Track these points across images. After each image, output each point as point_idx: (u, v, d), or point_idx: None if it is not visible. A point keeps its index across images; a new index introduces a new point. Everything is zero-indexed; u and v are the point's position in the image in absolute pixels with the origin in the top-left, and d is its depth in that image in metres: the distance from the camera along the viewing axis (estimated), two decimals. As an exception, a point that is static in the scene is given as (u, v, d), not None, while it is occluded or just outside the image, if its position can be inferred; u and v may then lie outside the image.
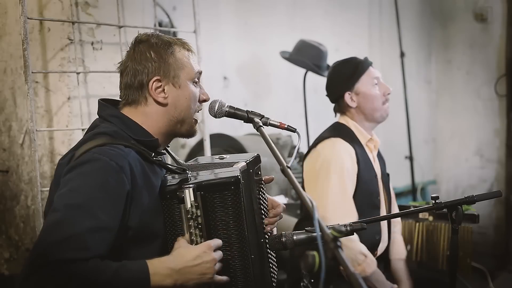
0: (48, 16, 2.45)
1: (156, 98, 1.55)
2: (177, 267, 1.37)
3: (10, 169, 2.75)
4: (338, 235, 1.17)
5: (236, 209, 1.49)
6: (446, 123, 5.35)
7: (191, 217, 1.45)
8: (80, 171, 1.39)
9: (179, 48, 1.59)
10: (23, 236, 2.68)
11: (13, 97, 2.68)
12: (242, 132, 3.64)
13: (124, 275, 1.29)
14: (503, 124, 4.90)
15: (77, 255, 1.26)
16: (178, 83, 1.56)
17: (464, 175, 5.18)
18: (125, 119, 1.55)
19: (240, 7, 3.89)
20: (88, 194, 1.34)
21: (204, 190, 1.48)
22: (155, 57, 1.55)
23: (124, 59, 1.60)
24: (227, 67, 3.83)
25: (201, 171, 1.61)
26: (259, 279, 1.58)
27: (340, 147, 2.36)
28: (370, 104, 2.41)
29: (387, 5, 4.84)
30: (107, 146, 1.44)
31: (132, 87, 1.56)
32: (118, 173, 1.39)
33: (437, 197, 1.87)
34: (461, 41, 5.15)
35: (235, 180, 1.49)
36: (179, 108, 1.57)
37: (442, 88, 5.37)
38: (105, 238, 1.33)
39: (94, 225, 1.31)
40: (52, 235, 1.27)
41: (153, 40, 1.57)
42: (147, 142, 1.54)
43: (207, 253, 1.41)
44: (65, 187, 1.37)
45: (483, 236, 4.78)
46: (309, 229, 1.58)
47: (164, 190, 1.50)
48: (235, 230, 1.50)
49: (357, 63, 2.43)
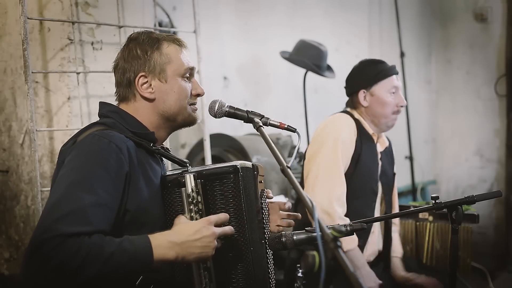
0: (48, 16, 2.45)
1: (143, 93, 1.58)
2: (179, 241, 1.38)
3: (10, 169, 2.75)
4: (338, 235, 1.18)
5: (235, 199, 1.52)
6: (446, 123, 5.35)
7: (191, 201, 1.47)
8: (81, 151, 1.43)
9: (167, 43, 1.61)
10: (23, 236, 2.68)
11: (13, 97, 2.68)
12: (242, 132, 3.64)
13: (128, 249, 1.31)
14: (503, 124, 4.90)
15: (81, 228, 1.27)
16: (164, 78, 1.59)
17: (464, 175, 5.18)
18: (123, 113, 1.59)
19: (240, 7, 3.89)
20: (89, 172, 1.37)
21: (204, 178, 1.51)
22: (141, 54, 1.58)
23: (116, 57, 1.65)
24: (227, 67, 3.83)
25: (203, 166, 1.65)
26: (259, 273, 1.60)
27: (341, 120, 2.44)
28: (380, 109, 2.45)
29: (387, 5, 4.84)
30: (108, 130, 1.48)
31: (122, 84, 1.61)
32: (118, 154, 1.42)
33: (437, 197, 1.87)
34: (461, 41, 5.15)
35: (234, 170, 1.53)
36: (168, 102, 1.59)
37: (442, 88, 5.37)
38: (106, 215, 1.35)
39: (95, 200, 1.33)
40: (56, 211, 1.29)
41: (142, 37, 1.61)
42: (143, 135, 1.57)
43: (207, 228, 1.42)
44: (66, 167, 1.41)
45: (483, 236, 4.78)
46: (309, 229, 1.59)
47: (165, 179, 1.54)
48: (235, 219, 1.52)
49: (382, 67, 2.48)
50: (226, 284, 1.52)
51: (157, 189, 1.53)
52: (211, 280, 1.47)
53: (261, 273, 1.64)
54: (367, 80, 2.46)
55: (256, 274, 1.58)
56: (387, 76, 2.45)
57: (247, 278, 1.54)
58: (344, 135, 2.39)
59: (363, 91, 2.46)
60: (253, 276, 1.55)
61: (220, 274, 1.51)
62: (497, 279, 4.01)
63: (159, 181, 1.54)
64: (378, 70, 2.46)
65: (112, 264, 1.27)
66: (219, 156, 3.15)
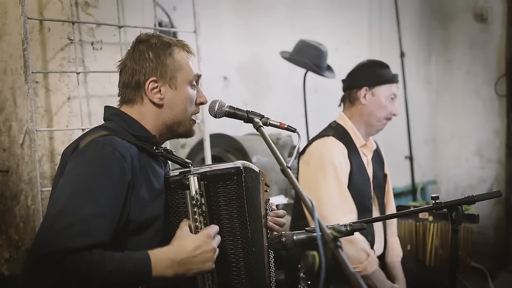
0: (48, 16, 2.45)
1: (152, 98, 1.56)
2: (178, 258, 1.38)
3: (10, 169, 2.75)
4: (338, 235, 1.17)
5: (238, 200, 1.52)
6: (446, 123, 5.34)
7: (195, 203, 1.47)
8: (83, 158, 1.41)
9: (178, 49, 1.60)
10: (23, 236, 2.68)
11: (13, 97, 2.68)
12: (242, 132, 3.64)
13: (127, 266, 1.30)
14: (503, 124, 4.90)
15: (80, 242, 1.26)
16: (174, 85, 1.57)
17: (464, 175, 5.18)
18: (125, 117, 1.57)
19: (240, 7, 3.89)
20: (91, 180, 1.36)
21: (207, 180, 1.51)
22: (153, 57, 1.56)
23: (123, 58, 1.62)
24: (227, 67, 3.83)
25: (204, 166, 1.64)
26: (260, 272, 1.61)
27: (332, 145, 2.42)
28: (377, 111, 2.48)
29: (387, 5, 4.84)
30: (111, 136, 1.46)
31: (129, 86, 1.58)
32: (121, 163, 1.41)
33: (437, 197, 1.87)
34: (461, 41, 5.15)
35: (237, 171, 1.52)
36: (175, 109, 1.58)
37: (442, 88, 5.37)
38: (106, 225, 1.34)
39: (96, 210, 1.32)
40: (58, 221, 1.28)
41: (153, 40, 1.58)
42: (145, 138, 1.55)
43: (207, 242, 1.42)
44: (69, 174, 1.39)
45: (483, 236, 4.78)
46: (309, 229, 1.59)
47: (168, 181, 1.52)
48: (238, 221, 1.52)
49: (389, 72, 2.54)
50: (229, 284, 1.52)
51: (160, 194, 1.52)
52: (214, 282, 1.47)
53: (263, 273, 1.64)
54: (373, 79, 2.49)
55: (258, 274, 1.58)
56: (391, 82, 2.51)
57: (249, 278, 1.54)
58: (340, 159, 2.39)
59: (366, 88, 2.48)
60: (255, 276, 1.56)
61: (223, 275, 1.51)
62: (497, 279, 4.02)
63: (161, 184, 1.53)
64: (385, 73, 2.52)
65: (110, 283, 1.28)
66: (219, 156, 3.15)
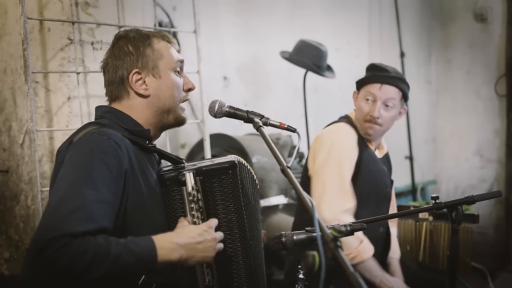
0: (48, 16, 2.45)
1: (138, 90, 1.57)
2: (182, 242, 1.38)
3: (10, 169, 2.75)
4: (338, 235, 1.17)
5: (234, 194, 1.53)
6: (446, 123, 5.35)
7: (192, 199, 1.48)
8: (80, 148, 1.42)
9: (157, 39, 1.61)
10: (23, 236, 2.68)
11: (13, 97, 2.68)
12: (242, 132, 3.64)
13: (133, 250, 1.30)
14: (503, 124, 4.90)
15: (84, 226, 1.26)
16: (158, 74, 1.58)
17: (464, 175, 5.18)
18: (117, 113, 1.58)
19: (240, 7, 3.89)
20: (90, 168, 1.36)
21: (203, 175, 1.51)
22: (133, 50, 1.57)
23: (105, 57, 1.62)
24: (227, 67, 3.82)
25: (196, 162, 1.64)
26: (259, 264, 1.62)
27: (343, 129, 2.43)
28: (359, 113, 2.45)
29: (387, 5, 4.84)
30: (104, 128, 1.47)
31: (114, 82, 1.59)
32: (117, 151, 1.41)
33: (437, 197, 1.87)
34: (461, 41, 5.15)
35: (232, 165, 1.53)
36: (162, 98, 1.59)
37: (442, 88, 5.37)
38: (108, 211, 1.34)
39: (97, 196, 1.32)
40: (60, 209, 1.28)
41: (131, 34, 1.60)
42: (139, 132, 1.56)
43: (208, 232, 1.44)
44: (66, 165, 1.39)
45: (483, 236, 4.79)
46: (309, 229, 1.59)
47: (164, 177, 1.52)
48: (235, 215, 1.53)
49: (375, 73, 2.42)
50: (228, 278, 1.53)
51: (155, 188, 1.52)
52: (213, 277, 1.48)
53: (262, 266, 1.66)
54: (359, 82, 2.47)
55: (256, 265, 1.59)
56: (374, 82, 2.39)
57: (248, 271, 1.54)
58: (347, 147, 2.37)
59: (356, 91, 2.49)
60: (254, 269, 1.57)
61: (222, 269, 1.51)
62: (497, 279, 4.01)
63: (155, 179, 1.54)
64: (367, 75, 2.45)
65: (118, 266, 1.26)
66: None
